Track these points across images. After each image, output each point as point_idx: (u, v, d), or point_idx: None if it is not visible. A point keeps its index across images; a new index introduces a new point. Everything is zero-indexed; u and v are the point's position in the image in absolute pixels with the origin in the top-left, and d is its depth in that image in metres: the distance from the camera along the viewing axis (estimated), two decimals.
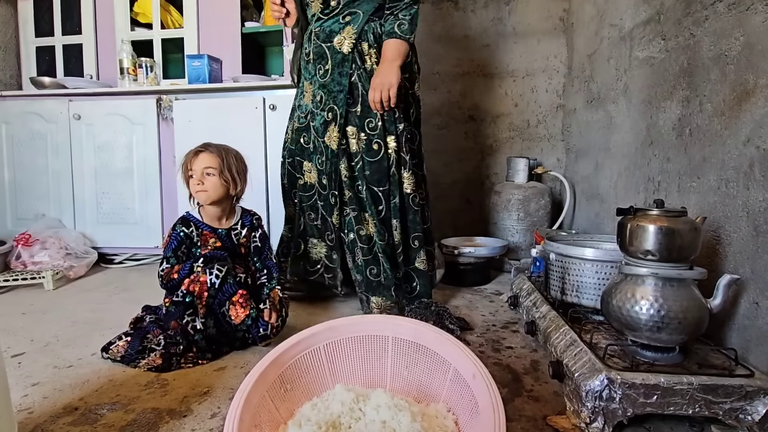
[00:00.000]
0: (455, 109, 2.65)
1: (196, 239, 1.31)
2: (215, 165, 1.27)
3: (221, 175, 1.27)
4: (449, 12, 2.60)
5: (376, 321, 0.93)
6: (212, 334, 1.22)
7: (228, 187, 1.29)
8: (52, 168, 2.26)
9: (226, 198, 1.32)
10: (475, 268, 1.98)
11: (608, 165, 1.82)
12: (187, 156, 1.30)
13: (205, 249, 1.31)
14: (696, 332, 0.89)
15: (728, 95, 1.06)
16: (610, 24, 1.83)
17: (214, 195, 1.29)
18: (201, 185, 1.27)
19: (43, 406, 0.97)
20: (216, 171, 1.27)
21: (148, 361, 1.15)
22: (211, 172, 1.27)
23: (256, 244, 1.38)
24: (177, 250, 1.28)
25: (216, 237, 1.33)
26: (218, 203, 1.32)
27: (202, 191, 1.28)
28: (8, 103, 2.26)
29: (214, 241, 1.32)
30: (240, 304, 1.22)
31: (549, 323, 1.17)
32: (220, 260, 1.26)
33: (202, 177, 1.27)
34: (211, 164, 1.27)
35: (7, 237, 2.15)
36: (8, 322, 1.50)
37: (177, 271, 1.25)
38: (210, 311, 1.23)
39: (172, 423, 0.91)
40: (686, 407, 0.82)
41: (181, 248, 1.29)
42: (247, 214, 1.40)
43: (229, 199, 1.35)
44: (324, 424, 0.76)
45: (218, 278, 1.22)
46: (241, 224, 1.37)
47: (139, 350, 1.17)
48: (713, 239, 1.10)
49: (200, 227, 1.32)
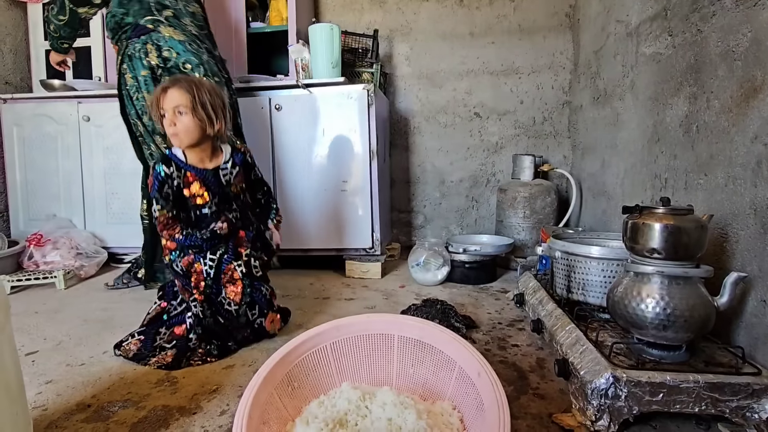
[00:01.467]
0: (460, 107, 2.65)
1: (178, 181, 1.22)
2: (186, 103, 1.15)
3: (194, 113, 1.16)
4: (454, 9, 2.59)
5: (382, 320, 0.94)
6: (211, 325, 1.23)
7: (204, 126, 1.18)
8: (62, 169, 2.29)
9: (203, 139, 1.22)
10: (481, 266, 1.98)
11: (615, 162, 1.81)
12: (156, 92, 1.18)
13: (188, 190, 1.23)
14: (702, 330, 0.88)
15: (736, 91, 1.05)
16: (616, 20, 1.81)
17: (189, 138, 1.18)
18: (174, 126, 1.17)
19: (56, 403, 1.00)
20: (188, 109, 1.16)
21: (158, 359, 1.17)
22: (183, 111, 1.16)
23: (258, 178, 1.37)
24: (161, 191, 1.21)
25: (200, 180, 1.24)
26: (196, 145, 1.22)
27: (175, 134, 1.18)
28: (19, 105, 2.29)
29: (199, 185, 1.24)
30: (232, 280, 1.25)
31: (555, 321, 1.17)
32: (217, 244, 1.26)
33: (174, 117, 1.16)
34: (181, 102, 1.16)
35: (20, 237, 2.20)
36: (22, 321, 1.53)
37: (179, 232, 1.23)
38: (209, 301, 1.24)
39: (182, 420, 0.93)
40: (693, 405, 0.82)
41: (164, 188, 1.21)
42: (238, 152, 1.30)
43: (209, 140, 1.24)
44: (331, 421, 0.77)
45: (212, 268, 1.22)
46: (232, 163, 1.27)
47: (151, 349, 1.19)
48: (720, 237, 1.09)
49: (182, 168, 1.22)
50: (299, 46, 2.16)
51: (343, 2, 2.70)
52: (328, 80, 2.07)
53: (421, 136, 2.71)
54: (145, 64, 1.58)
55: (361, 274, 2.09)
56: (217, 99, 1.21)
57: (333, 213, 2.10)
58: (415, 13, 2.63)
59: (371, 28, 2.53)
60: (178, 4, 1.68)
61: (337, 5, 2.71)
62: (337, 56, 2.11)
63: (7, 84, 2.41)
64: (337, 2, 2.71)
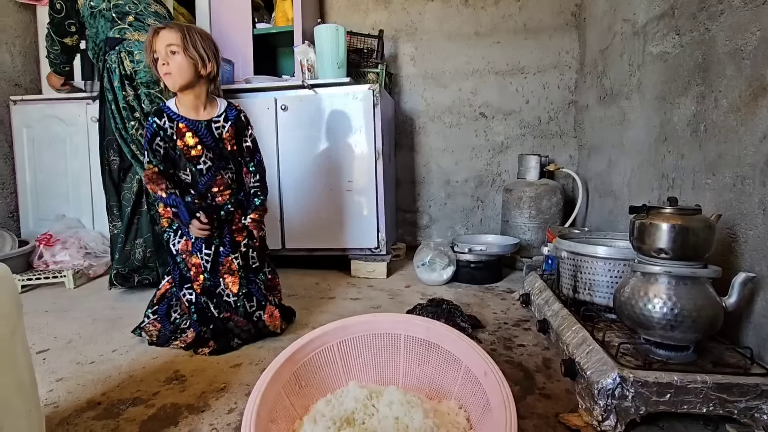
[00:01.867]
0: (466, 107, 2.64)
1: (171, 132, 1.23)
2: (178, 42, 1.18)
3: (186, 52, 1.19)
4: (459, 9, 2.59)
5: (389, 319, 0.95)
6: (204, 309, 1.27)
7: (196, 65, 1.21)
8: (71, 169, 2.32)
9: (197, 80, 1.23)
10: (487, 266, 1.98)
11: (621, 162, 1.80)
12: (148, 36, 1.21)
13: (181, 141, 1.24)
14: (710, 331, 0.88)
15: (744, 91, 1.05)
16: (623, 19, 1.80)
17: (182, 77, 1.20)
18: (167, 66, 1.19)
19: (67, 401, 1.01)
20: (180, 48, 1.18)
21: (180, 340, 1.22)
22: (175, 50, 1.19)
23: (248, 145, 1.31)
24: (152, 143, 1.23)
25: (193, 131, 1.24)
26: (190, 87, 1.23)
27: (169, 74, 1.20)
28: (29, 107, 2.32)
29: (191, 135, 1.24)
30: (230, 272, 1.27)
31: (561, 321, 1.17)
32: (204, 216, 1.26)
33: (166, 57, 1.19)
34: (173, 41, 1.18)
35: (30, 237, 2.22)
36: (32, 320, 1.55)
37: (164, 189, 1.23)
38: (208, 293, 1.27)
39: (190, 418, 0.94)
40: (700, 406, 0.82)
41: (155, 140, 1.23)
42: (233, 108, 1.30)
43: (203, 83, 1.25)
44: (338, 419, 0.78)
45: (208, 262, 1.25)
46: (225, 117, 1.28)
47: (171, 330, 1.25)
48: (728, 237, 1.08)
49: (175, 119, 1.24)
50: (305, 47, 2.17)
51: (348, 3, 2.71)
52: (333, 80, 2.08)
53: (426, 136, 2.71)
54: (120, 72, 1.66)
55: (367, 273, 2.09)
56: (208, 41, 1.24)
57: (338, 213, 2.11)
58: (420, 13, 2.63)
59: (376, 28, 2.53)
60: (139, 7, 1.75)
61: (342, 6, 2.72)
62: (343, 57, 2.12)
63: (16, 86, 2.44)
64: (342, 3, 2.72)
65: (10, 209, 2.39)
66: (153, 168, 1.24)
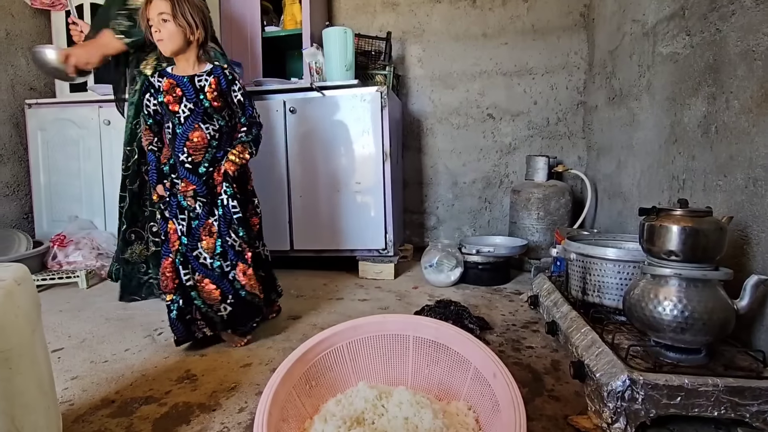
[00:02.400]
0: (473, 108, 2.64)
1: (158, 85, 1.31)
2: (168, 10, 1.27)
3: (175, 20, 1.27)
4: (466, 11, 2.59)
5: (398, 320, 0.95)
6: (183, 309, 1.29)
7: (185, 32, 1.29)
8: (84, 171, 2.36)
9: (187, 46, 1.32)
10: (494, 267, 1.97)
11: (631, 163, 1.79)
12: (143, 5, 1.30)
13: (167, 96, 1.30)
14: (721, 333, 0.87)
15: (756, 92, 1.04)
16: (632, 19, 1.79)
17: (173, 43, 1.29)
18: (159, 33, 1.28)
19: (82, 399, 1.03)
20: (170, 16, 1.27)
21: (199, 331, 1.30)
22: (166, 18, 1.27)
23: (239, 98, 1.34)
24: (142, 99, 1.33)
25: (177, 84, 1.30)
26: (181, 52, 1.32)
27: (161, 40, 1.29)
28: (43, 110, 2.37)
29: (174, 87, 1.30)
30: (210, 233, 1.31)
31: (570, 323, 1.17)
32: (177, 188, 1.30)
33: (159, 24, 1.27)
34: (164, 9, 1.27)
35: (44, 238, 2.26)
36: (47, 319, 1.58)
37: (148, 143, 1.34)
38: (183, 257, 1.30)
39: (202, 416, 0.95)
40: (711, 409, 0.81)
41: (145, 96, 1.33)
42: (219, 67, 1.35)
43: (193, 48, 1.33)
44: (348, 419, 0.79)
45: (185, 231, 1.30)
46: (208, 73, 1.33)
47: (186, 326, 1.28)
48: (740, 239, 1.08)
49: (164, 75, 1.32)
50: (313, 50, 2.18)
51: (356, 5, 2.72)
52: (341, 83, 2.09)
53: (433, 137, 2.72)
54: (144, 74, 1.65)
55: (374, 274, 2.10)
56: (197, 10, 1.32)
57: (346, 214, 2.12)
58: (427, 15, 2.64)
59: (384, 30, 2.54)
60: None
61: (350, 8, 2.73)
62: (351, 59, 2.13)
63: (31, 90, 2.49)
64: (350, 5, 2.73)
65: (25, 211, 2.44)
66: (145, 125, 1.35)
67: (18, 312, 0.63)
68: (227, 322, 1.30)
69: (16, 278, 0.65)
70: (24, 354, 0.63)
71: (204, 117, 1.31)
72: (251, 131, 1.35)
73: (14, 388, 0.61)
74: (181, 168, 1.30)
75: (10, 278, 0.64)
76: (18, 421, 0.61)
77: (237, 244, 1.31)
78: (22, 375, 0.63)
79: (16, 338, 0.62)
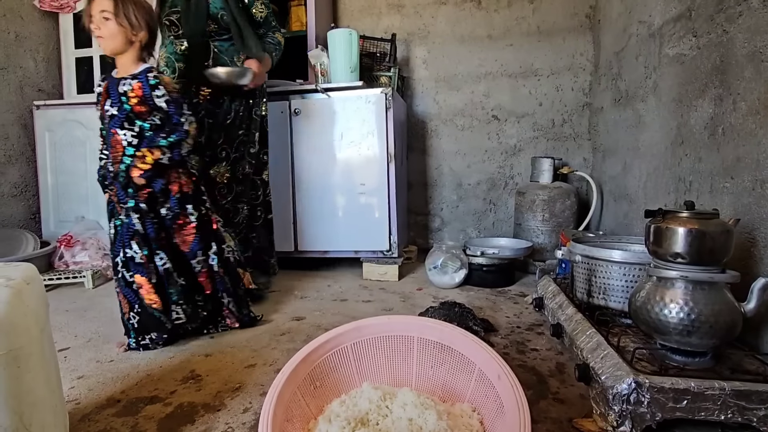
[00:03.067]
0: (478, 110, 2.64)
1: (98, 89, 1.31)
2: (110, 8, 1.24)
3: (117, 18, 1.24)
4: (472, 12, 2.59)
5: (402, 321, 0.95)
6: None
7: (127, 32, 1.26)
8: (90, 172, 2.37)
9: (128, 46, 1.29)
10: (499, 269, 1.97)
11: (637, 165, 1.79)
12: (87, 2, 1.29)
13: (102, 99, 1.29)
14: (728, 336, 0.87)
15: (763, 93, 1.03)
16: (638, 21, 1.79)
17: (113, 42, 1.26)
18: (99, 30, 1.25)
19: (88, 398, 1.04)
20: (111, 14, 1.24)
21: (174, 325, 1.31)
22: (108, 16, 1.24)
23: (161, 105, 1.27)
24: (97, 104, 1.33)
25: (107, 87, 1.29)
26: (122, 52, 1.29)
27: (101, 38, 1.26)
28: (51, 111, 2.39)
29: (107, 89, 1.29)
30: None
31: (575, 326, 1.17)
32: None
33: (99, 22, 1.25)
34: (106, 7, 1.24)
35: (51, 238, 2.28)
36: (53, 319, 1.59)
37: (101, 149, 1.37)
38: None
39: (207, 416, 0.95)
40: (718, 413, 0.81)
41: (98, 104, 1.32)
42: (145, 71, 1.29)
43: (135, 49, 1.30)
44: (353, 420, 0.79)
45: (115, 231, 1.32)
46: (134, 76, 1.28)
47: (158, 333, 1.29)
48: (748, 241, 1.07)
49: (106, 78, 1.31)
50: (318, 51, 2.19)
51: (361, 7, 2.73)
52: (346, 84, 2.10)
53: (438, 139, 2.72)
54: None
55: (379, 276, 2.10)
56: (142, 11, 1.29)
57: (350, 215, 2.12)
58: (432, 16, 2.64)
59: (389, 32, 2.55)
60: None
61: (355, 10, 2.74)
62: (356, 60, 2.14)
63: (39, 91, 2.51)
64: (355, 7, 2.74)
65: (32, 211, 2.46)
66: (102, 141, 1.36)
67: (27, 311, 0.64)
68: (138, 329, 1.30)
69: (25, 278, 0.66)
70: (32, 353, 0.64)
71: (125, 122, 1.28)
72: (170, 136, 1.29)
73: (23, 387, 0.62)
74: (109, 175, 1.31)
75: (20, 278, 0.65)
76: (26, 419, 0.62)
77: (138, 257, 1.27)
78: (30, 373, 0.63)
79: (25, 337, 0.63)
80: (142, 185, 1.28)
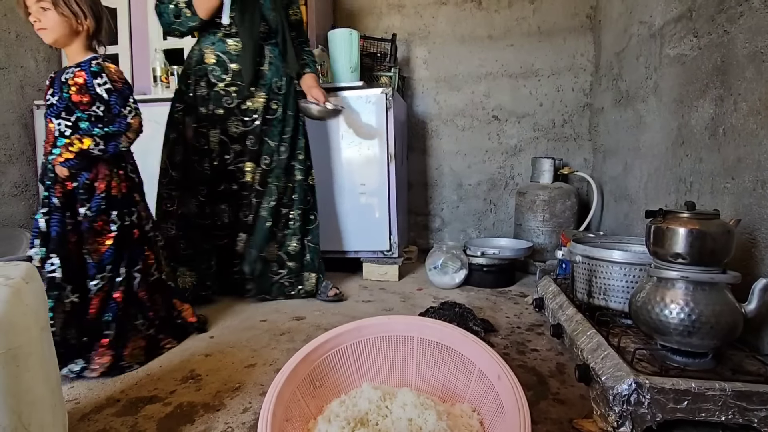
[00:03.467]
0: (479, 110, 2.64)
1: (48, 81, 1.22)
2: None
3: (57, 8, 1.15)
4: (472, 12, 2.59)
5: (402, 321, 0.95)
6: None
7: (70, 21, 1.17)
8: None
9: (74, 36, 1.20)
10: (499, 269, 1.97)
11: (638, 165, 1.78)
12: None
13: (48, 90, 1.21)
14: (729, 337, 0.87)
15: (765, 94, 1.03)
16: (639, 21, 1.79)
17: (54, 33, 1.17)
18: (39, 22, 1.15)
19: (88, 398, 1.04)
20: (50, 4, 1.14)
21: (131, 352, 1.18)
22: (46, 6, 1.15)
23: (101, 93, 1.18)
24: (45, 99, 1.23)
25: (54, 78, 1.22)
26: (67, 43, 1.20)
27: (42, 30, 1.16)
28: None
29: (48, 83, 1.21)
30: None
31: (575, 326, 1.16)
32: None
33: (37, 13, 1.15)
34: None
35: None
36: None
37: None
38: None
39: (206, 416, 0.95)
40: (719, 414, 0.80)
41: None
42: (89, 59, 1.21)
43: (82, 38, 1.21)
44: (352, 420, 0.79)
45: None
46: (77, 65, 1.20)
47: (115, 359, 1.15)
48: (748, 242, 1.07)
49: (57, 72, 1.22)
50: (318, 51, 2.19)
51: (361, 7, 2.73)
52: (346, 84, 2.10)
53: (438, 139, 2.72)
54: None
55: (379, 276, 2.10)
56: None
57: (350, 216, 2.12)
58: (433, 16, 2.64)
59: (389, 32, 2.55)
60: None
61: (355, 10, 2.74)
62: (356, 61, 2.14)
63: (40, 91, 2.51)
64: (355, 7, 2.74)
65: (33, 210, 2.46)
66: None
67: (26, 310, 0.64)
68: None
69: (24, 277, 0.66)
70: (32, 352, 0.64)
71: (63, 111, 1.19)
72: (107, 126, 1.18)
73: (22, 386, 0.62)
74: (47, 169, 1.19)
75: (19, 277, 0.65)
76: (25, 418, 0.62)
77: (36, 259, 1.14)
78: (29, 372, 0.63)
79: (24, 336, 0.63)
80: (65, 177, 1.16)
